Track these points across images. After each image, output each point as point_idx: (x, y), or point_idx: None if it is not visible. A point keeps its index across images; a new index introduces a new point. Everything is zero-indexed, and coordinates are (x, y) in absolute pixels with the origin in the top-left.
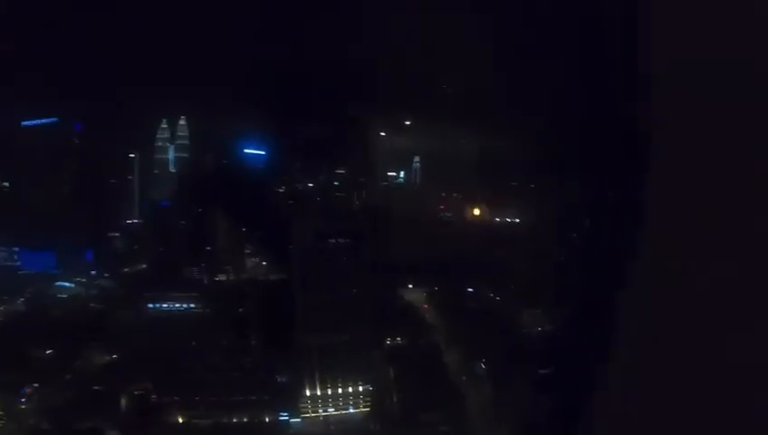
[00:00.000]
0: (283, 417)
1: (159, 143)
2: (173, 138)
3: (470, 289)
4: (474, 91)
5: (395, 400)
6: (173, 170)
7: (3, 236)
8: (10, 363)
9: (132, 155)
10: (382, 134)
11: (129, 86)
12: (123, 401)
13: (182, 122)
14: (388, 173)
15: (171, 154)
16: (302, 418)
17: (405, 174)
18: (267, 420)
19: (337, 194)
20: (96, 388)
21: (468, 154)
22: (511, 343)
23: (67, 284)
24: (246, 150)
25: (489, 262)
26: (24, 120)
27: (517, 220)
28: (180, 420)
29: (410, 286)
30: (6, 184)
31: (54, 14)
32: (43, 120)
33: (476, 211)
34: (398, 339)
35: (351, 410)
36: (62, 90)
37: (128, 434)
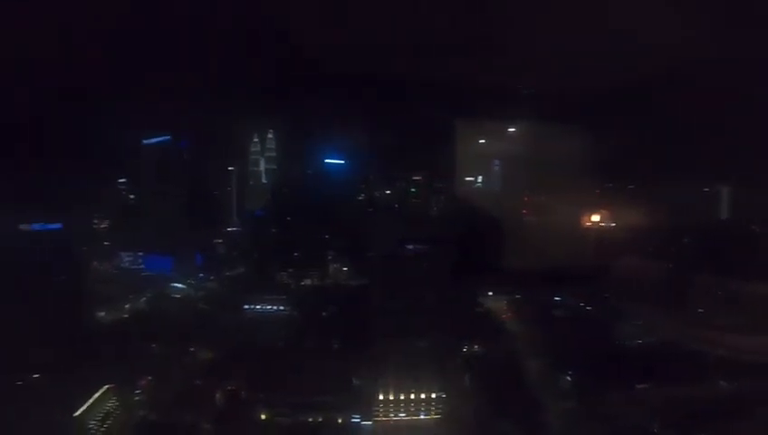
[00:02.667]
0: (355, 419)
1: (253, 156)
2: (263, 151)
3: (557, 297)
4: (559, 92)
5: (469, 408)
6: (264, 181)
7: (130, 242)
8: (129, 357)
9: (231, 168)
10: (460, 139)
11: (225, 103)
12: (217, 397)
13: (270, 136)
14: (467, 178)
15: (263, 166)
16: (374, 421)
17: (484, 178)
18: (340, 420)
19: (414, 200)
20: (197, 383)
21: (554, 156)
22: (603, 355)
23: (180, 285)
24: (327, 160)
25: (579, 269)
26: (144, 139)
27: (613, 224)
28: (263, 417)
29: (490, 293)
30: (132, 196)
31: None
32: (158, 139)
33: (564, 215)
34: (476, 347)
35: (423, 417)
36: (173, 109)
37: (218, 428)
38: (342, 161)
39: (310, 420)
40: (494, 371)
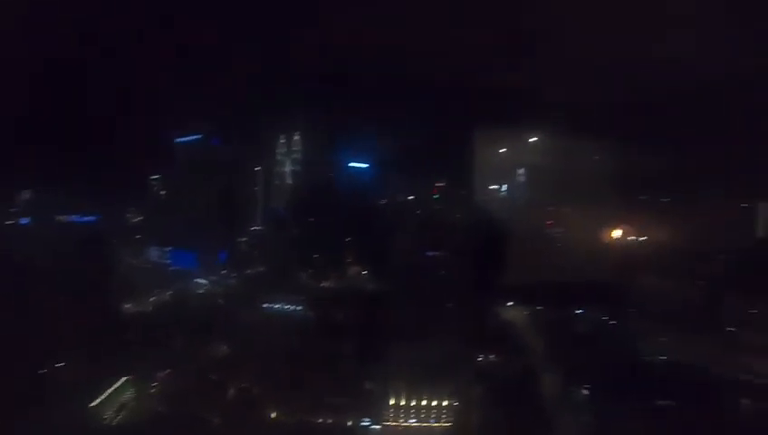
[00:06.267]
0: (365, 423)
1: (278, 157)
2: (289, 152)
3: (579, 310)
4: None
5: (480, 418)
6: (289, 182)
7: (158, 238)
8: (151, 350)
9: (258, 168)
10: (486, 146)
11: (253, 103)
12: (229, 393)
13: (296, 137)
14: (490, 186)
15: (288, 167)
16: (383, 425)
17: (508, 187)
18: (350, 423)
19: (436, 207)
20: (211, 378)
21: (582, 166)
22: (623, 371)
23: (203, 280)
24: (351, 164)
25: (602, 283)
26: (177, 138)
27: (643, 238)
28: (273, 416)
29: (510, 304)
30: (163, 192)
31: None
32: (190, 137)
33: (590, 228)
34: (492, 357)
35: (433, 423)
36: (204, 109)
37: (228, 424)
38: (367, 165)
39: (320, 420)
40: (509, 381)
